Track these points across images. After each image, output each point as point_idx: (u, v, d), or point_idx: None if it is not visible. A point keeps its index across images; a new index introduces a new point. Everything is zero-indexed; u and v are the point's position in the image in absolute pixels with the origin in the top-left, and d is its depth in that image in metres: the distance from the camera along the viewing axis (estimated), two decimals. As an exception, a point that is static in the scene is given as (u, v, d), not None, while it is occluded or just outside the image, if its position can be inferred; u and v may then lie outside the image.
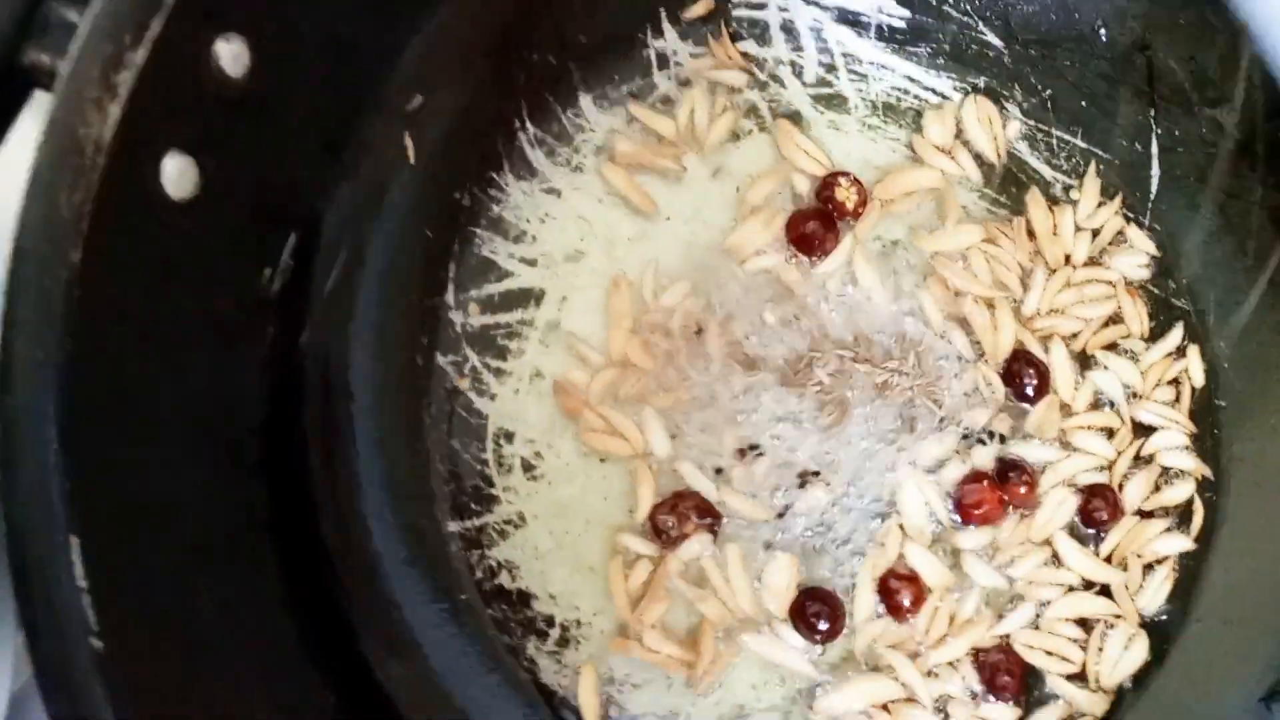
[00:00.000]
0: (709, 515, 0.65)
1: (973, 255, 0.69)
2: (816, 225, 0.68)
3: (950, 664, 0.64)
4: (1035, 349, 0.69)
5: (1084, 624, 0.66)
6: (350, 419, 0.62)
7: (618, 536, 0.64)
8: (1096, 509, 0.67)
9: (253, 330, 0.58)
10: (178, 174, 0.49)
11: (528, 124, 0.69)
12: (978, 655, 0.65)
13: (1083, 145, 0.72)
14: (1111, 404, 0.69)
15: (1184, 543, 0.67)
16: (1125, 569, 0.67)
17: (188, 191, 0.50)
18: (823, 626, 0.63)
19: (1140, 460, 0.68)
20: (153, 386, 0.51)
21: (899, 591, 0.64)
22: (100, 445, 0.46)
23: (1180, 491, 0.68)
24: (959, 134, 0.72)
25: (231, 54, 0.50)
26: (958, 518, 0.66)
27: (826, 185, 0.69)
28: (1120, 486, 0.68)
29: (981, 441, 0.68)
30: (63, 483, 0.42)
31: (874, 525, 0.66)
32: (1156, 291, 0.71)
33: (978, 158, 0.72)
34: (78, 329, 0.43)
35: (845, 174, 0.69)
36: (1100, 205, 0.71)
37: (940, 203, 0.71)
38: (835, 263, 0.68)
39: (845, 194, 0.68)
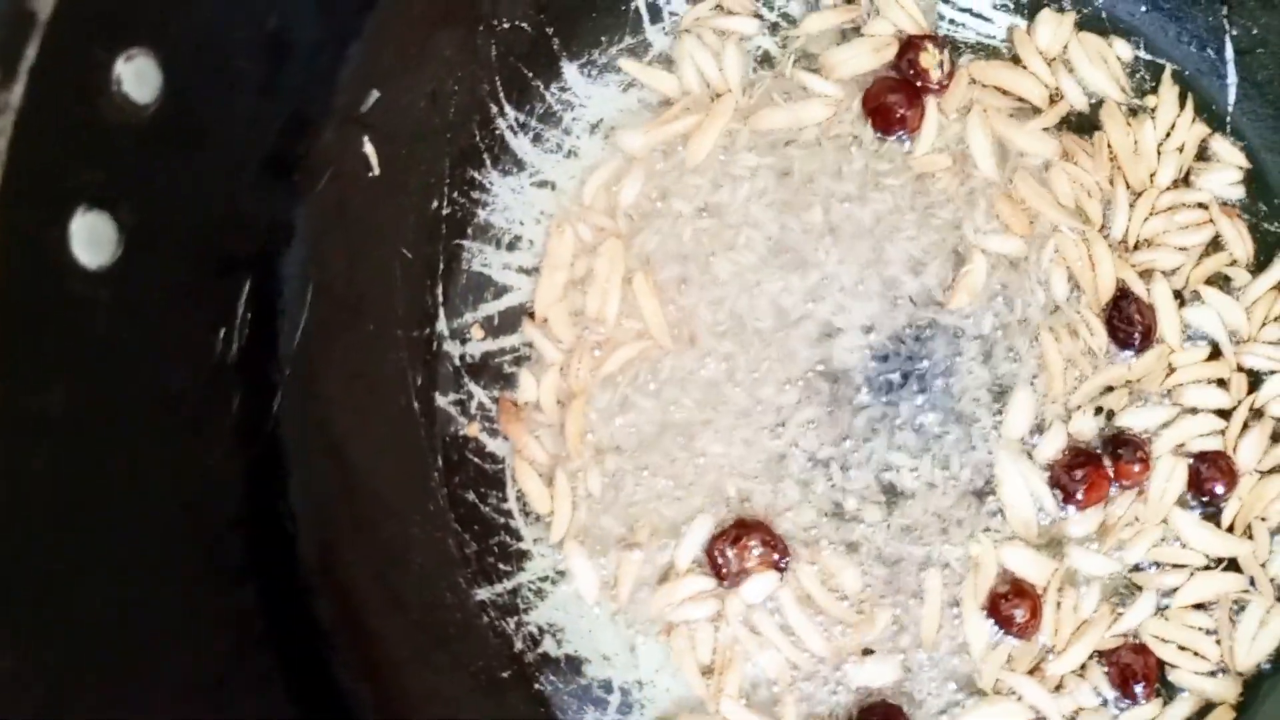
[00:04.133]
0: (774, 550, 0.56)
1: (1052, 175, 0.60)
2: (899, 96, 0.58)
3: (1076, 673, 0.56)
4: (1139, 288, 0.59)
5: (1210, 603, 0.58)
6: (342, 490, 0.52)
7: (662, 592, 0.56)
8: (1210, 478, 0.58)
9: (214, 405, 0.49)
10: (90, 235, 0.41)
11: (506, 107, 0.58)
12: (1105, 657, 0.57)
13: (1146, 57, 0.62)
14: (1215, 349, 0.60)
15: (1314, 494, 0.59)
16: (1250, 537, 0.58)
17: (108, 255, 0.42)
18: None
19: (1251, 413, 0.60)
20: (101, 496, 0.43)
21: (1013, 609, 0.56)
22: (38, 584, 0.38)
23: (1302, 442, 0.60)
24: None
25: (135, 74, 0.41)
26: (1061, 502, 0.58)
27: (910, 47, 0.59)
28: (1234, 446, 0.59)
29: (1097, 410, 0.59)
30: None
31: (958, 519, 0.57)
32: (1248, 218, 0.61)
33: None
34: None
35: (933, 37, 0.59)
36: (1179, 115, 0.61)
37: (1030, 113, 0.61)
38: (925, 141, 0.59)
39: (931, 60, 0.58)
